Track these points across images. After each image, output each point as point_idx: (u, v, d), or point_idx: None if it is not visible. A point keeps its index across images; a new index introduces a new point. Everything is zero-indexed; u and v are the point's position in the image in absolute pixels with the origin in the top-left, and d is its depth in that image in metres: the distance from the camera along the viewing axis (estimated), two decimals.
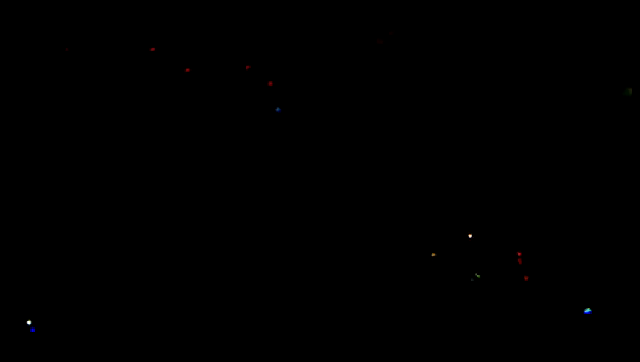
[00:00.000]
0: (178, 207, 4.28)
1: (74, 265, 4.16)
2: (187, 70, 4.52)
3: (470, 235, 4.21)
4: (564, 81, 4.33)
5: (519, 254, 4.17)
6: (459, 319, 4.12)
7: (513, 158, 4.29)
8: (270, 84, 4.48)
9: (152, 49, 4.51)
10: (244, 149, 4.39)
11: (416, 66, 4.43)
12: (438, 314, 4.14)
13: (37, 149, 4.29)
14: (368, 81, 4.44)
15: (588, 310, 4.06)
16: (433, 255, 4.21)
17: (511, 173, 4.28)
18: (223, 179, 4.32)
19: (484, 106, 4.36)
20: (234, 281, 4.16)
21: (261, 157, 4.38)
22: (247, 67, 4.49)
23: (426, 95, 4.40)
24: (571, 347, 4.04)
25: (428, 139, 4.35)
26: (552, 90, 4.33)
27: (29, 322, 4.18)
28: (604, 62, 4.33)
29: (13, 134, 4.28)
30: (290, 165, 4.37)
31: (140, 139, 4.39)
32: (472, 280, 4.11)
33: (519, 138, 4.31)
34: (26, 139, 4.30)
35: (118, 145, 4.38)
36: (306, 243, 4.26)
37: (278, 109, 4.47)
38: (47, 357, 4.05)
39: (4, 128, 4.28)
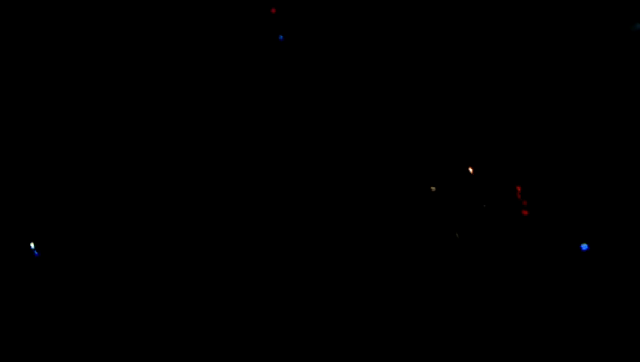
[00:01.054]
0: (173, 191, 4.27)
1: (73, 264, 4.15)
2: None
3: (471, 169, 4.23)
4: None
5: (519, 189, 4.19)
6: (459, 254, 4.16)
7: (513, 95, 4.29)
8: (273, 11, 4.44)
9: None
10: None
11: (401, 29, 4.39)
12: (440, 249, 4.17)
13: (36, 148, 4.25)
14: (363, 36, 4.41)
15: (585, 246, 4.10)
16: (433, 189, 4.23)
17: (510, 107, 4.28)
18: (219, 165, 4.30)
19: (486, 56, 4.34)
20: (233, 276, 4.15)
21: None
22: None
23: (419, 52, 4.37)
24: (567, 284, 4.09)
25: (434, 79, 4.34)
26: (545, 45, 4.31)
27: (32, 245, 4.17)
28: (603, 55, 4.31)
29: (13, 134, 4.24)
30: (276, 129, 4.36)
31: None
32: (456, 235, 4.12)
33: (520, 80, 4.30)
34: (25, 137, 4.26)
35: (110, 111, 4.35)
36: (301, 200, 4.27)
37: (280, 37, 4.44)
38: (48, 356, 4.08)
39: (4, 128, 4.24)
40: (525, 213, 4.16)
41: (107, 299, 4.11)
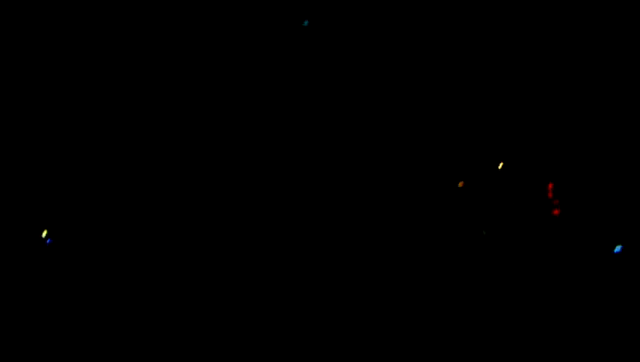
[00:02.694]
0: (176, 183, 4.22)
1: (73, 264, 4.12)
2: None
3: (501, 165, 4.10)
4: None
5: (550, 187, 4.06)
6: (487, 249, 4.04)
7: (544, 90, 4.17)
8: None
9: None
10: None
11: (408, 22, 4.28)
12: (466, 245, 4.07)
13: (37, 148, 4.23)
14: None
15: (618, 248, 3.96)
16: (461, 184, 4.10)
17: (541, 102, 4.16)
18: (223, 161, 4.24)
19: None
20: (234, 277, 4.11)
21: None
22: None
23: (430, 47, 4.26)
24: (599, 284, 3.97)
25: (460, 71, 4.23)
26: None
27: (44, 233, 4.15)
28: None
29: (13, 134, 4.21)
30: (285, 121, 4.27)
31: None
32: (484, 233, 4.00)
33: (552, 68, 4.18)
34: (25, 138, 4.23)
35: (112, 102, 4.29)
36: (313, 191, 4.18)
37: (305, 23, 4.36)
38: (48, 355, 4.03)
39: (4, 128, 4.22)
40: (556, 212, 4.03)
41: (107, 299, 4.07)
